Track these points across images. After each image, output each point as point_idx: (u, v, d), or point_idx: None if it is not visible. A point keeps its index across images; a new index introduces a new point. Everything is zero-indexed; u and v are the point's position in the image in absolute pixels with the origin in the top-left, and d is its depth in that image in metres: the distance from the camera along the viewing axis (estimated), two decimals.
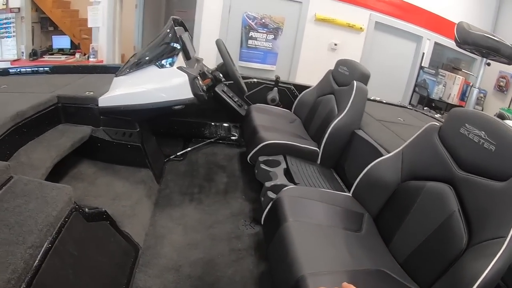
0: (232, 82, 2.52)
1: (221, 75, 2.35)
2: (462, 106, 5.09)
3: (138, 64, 2.16)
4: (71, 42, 6.42)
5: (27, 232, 1.09)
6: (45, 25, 6.84)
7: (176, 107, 2.08)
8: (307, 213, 1.45)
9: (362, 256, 1.32)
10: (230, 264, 1.80)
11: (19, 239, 1.06)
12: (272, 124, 2.62)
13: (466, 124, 1.32)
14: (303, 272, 1.11)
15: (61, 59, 5.88)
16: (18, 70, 2.90)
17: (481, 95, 5.28)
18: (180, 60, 2.15)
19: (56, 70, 2.97)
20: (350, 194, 1.73)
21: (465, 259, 1.10)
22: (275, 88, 3.27)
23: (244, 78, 3.04)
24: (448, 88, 5.20)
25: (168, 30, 2.19)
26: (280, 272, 1.27)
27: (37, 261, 1.05)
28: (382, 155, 1.87)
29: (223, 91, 3.03)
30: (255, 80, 3.25)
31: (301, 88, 3.25)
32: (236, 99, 3.15)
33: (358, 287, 0.78)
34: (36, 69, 2.97)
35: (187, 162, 2.83)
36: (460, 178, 1.28)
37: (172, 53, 2.13)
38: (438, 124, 1.49)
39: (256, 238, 2.03)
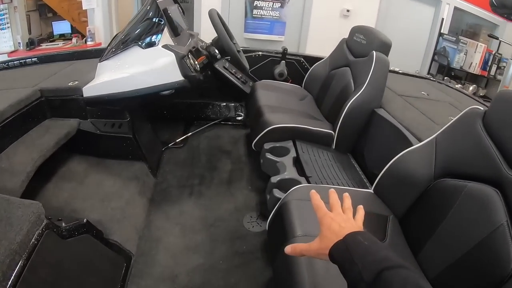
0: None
1: (216, 51, 2.09)
2: (484, 76, 4.86)
3: (121, 45, 1.93)
4: (71, 26, 6.30)
5: None
6: (44, 11, 6.66)
7: (165, 92, 1.87)
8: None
9: None
10: (233, 270, 1.67)
11: None
12: (279, 103, 2.39)
13: None
14: None
15: (59, 46, 5.77)
16: (6, 64, 2.75)
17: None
18: (167, 37, 1.91)
19: (46, 59, 2.86)
20: (371, 190, 1.47)
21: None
22: (283, 61, 3.03)
23: (247, 51, 2.81)
24: (470, 56, 4.85)
25: (149, 4, 1.95)
26: None
27: None
28: (408, 140, 1.66)
29: (224, 67, 2.82)
30: (260, 53, 3.02)
31: (312, 60, 3.00)
32: (240, 75, 2.94)
33: None
34: (24, 61, 2.84)
35: (188, 148, 2.68)
36: (510, 180, 1.00)
37: (155, 29, 1.89)
38: (481, 108, 1.18)
39: (263, 237, 1.86)
